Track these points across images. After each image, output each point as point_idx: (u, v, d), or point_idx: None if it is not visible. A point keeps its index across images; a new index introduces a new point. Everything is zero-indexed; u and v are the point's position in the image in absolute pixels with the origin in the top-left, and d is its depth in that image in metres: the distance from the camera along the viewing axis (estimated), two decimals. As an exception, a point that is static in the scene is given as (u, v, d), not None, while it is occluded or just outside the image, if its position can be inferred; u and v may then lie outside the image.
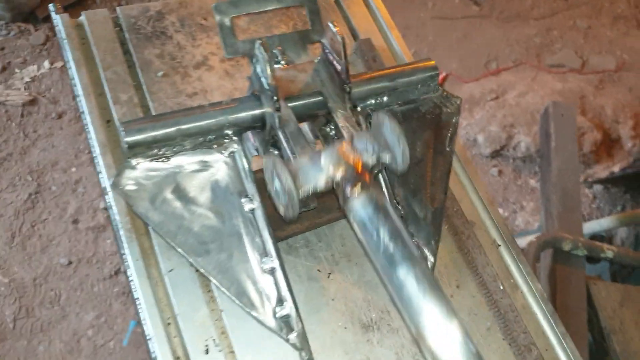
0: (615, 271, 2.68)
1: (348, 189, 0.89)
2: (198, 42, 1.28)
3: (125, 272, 1.02)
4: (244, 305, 0.94)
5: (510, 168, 3.90)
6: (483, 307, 1.09)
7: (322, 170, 0.91)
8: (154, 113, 1.17)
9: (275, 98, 0.98)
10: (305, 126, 1.15)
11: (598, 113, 3.95)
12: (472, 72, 4.27)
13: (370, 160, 0.93)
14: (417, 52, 4.37)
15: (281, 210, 0.92)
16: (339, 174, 0.91)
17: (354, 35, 1.40)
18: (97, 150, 1.09)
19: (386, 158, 0.94)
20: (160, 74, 1.22)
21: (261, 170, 1.07)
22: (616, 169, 3.80)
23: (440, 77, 4.17)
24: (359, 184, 0.89)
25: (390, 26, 1.41)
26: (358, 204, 0.88)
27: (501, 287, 1.10)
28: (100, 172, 1.07)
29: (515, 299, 1.11)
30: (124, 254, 1.01)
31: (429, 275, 0.82)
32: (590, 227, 2.82)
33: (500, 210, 3.72)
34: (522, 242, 2.96)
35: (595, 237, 2.98)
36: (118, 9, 1.29)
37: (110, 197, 1.04)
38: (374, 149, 0.93)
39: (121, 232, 1.02)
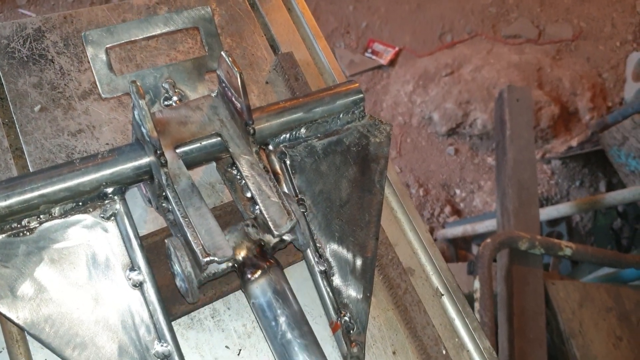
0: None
1: (249, 273, 0.83)
2: (85, 66, 1.08)
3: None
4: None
5: (467, 146, 3.78)
6: (422, 376, 0.95)
7: None
8: (28, 158, 0.98)
9: (159, 152, 0.81)
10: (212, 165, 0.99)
11: (555, 86, 3.84)
12: (426, 45, 4.10)
13: (272, 241, 0.86)
14: (369, 25, 4.19)
15: (181, 292, 0.84)
16: (240, 256, 0.84)
17: (274, 47, 1.21)
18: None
19: (288, 238, 0.88)
20: (37, 108, 1.02)
21: (154, 234, 0.91)
22: (574, 143, 3.71)
23: (393, 52, 4.00)
24: (260, 268, 0.83)
25: (317, 35, 1.23)
26: (258, 288, 0.82)
27: (444, 352, 0.96)
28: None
29: (460, 362, 0.98)
30: (-13, 343, 0.84)
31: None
32: (549, 213, 2.72)
33: (458, 192, 3.61)
34: (480, 227, 2.86)
35: (552, 220, 2.90)
36: (-12, 27, 1.08)
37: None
38: None
39: (-17, 317, 0.84)
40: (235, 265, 0.83)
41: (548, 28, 4.21)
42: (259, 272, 0.82)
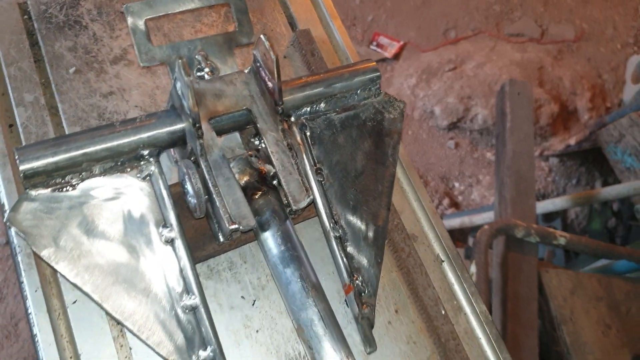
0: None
1: (250, 194, 0.94)
2: (117, 33, 1.14)
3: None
4: (161, 352, 0.84)
5: (467, 140, 3.85)
6: (423, 334, 1.01)
7: None
8: (62, 116, 1.04)
9: (197, 125, 0.87)
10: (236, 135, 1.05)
11: (556, 85, 3.91)
12: (430, 40, 4.16)
13: (272, 170, 0.96)
14: (375, 18, 4.24)
15: (190, 207, 0.93)
16: (243, 181, 0.94)
17: (292, 24, 1.27)
18: (-6, 160, 0.97)
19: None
20: (72, 70, 1.08)
21: (178, 184, 0.97)
22: (572, 141, 3.78)
23: (398, 46, 4.05)
24: (260, 190, 0.95)
25: (333, 15, 1.29)
26: (257, 207, 0.93)
27: (443, 312, 1.02)
28: (-2, 187, 0.95)
29: (458, 323, 1.04)
30: (22, 282, 0.90)
31: (313, 277, 0.92)
32: (545, 206, 2.79)
33: (457, 185, 3.68)
34: (478, 219, 2.93)
35: (548, 216, 2.97)
36: (27, -6, 1.14)
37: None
38: None
39: (19, 258, 0.90)
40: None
41: (551, 28, 4.28)
42: (259, 194, 0.94)
